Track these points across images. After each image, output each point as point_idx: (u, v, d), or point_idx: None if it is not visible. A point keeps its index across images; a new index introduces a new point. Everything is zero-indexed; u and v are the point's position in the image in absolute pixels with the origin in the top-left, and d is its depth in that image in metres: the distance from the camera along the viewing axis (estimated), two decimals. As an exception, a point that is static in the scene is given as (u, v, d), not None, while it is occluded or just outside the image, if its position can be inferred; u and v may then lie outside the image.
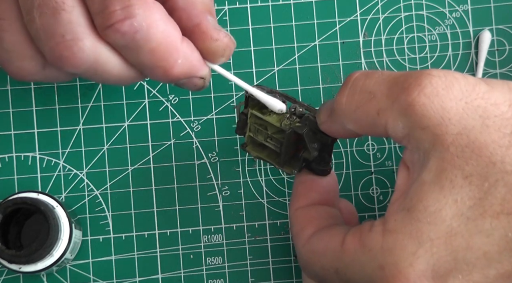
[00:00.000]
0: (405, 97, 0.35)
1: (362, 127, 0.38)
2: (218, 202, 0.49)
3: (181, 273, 0.48)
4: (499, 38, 0.50)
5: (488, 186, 0.34)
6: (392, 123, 0.36)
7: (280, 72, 0.49)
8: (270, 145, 0.43)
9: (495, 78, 0.49)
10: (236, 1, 0.50)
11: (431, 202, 0.35)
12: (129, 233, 0.48)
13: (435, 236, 0.35)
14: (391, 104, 0.36)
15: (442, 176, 0.35)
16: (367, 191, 0.49)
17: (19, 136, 0.49)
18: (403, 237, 0.35)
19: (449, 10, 0.50)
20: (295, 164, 0.43)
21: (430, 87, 0.35)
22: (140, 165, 0.49)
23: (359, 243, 0.37)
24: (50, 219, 0.44)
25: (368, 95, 0.37)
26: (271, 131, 0.42)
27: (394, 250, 0.35)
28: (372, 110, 0.37)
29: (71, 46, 0.38)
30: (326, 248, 0.39)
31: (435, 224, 0.35)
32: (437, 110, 0.35)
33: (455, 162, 0.34)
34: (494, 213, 0.34)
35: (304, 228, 0.41)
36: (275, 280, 0.48)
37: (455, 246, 0.34)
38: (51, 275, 0.48)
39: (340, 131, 0.40)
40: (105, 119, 0.49)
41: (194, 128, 0.49)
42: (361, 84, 0.37)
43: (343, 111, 0.38)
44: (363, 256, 0.36)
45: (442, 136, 0.35)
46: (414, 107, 0.35)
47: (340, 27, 0.50)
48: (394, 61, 0.50)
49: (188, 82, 0.41)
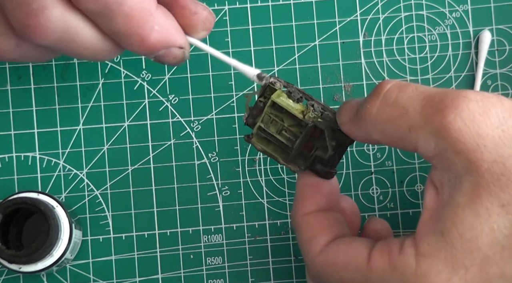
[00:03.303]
0: (441, 119, 0.34)
1: (390, 139, 0.37)
2: (218, 202, 0.49)
3: (181, 273, 0.48)
4: (499, 38, 0.50)
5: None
6: (423, 142, 0.35)
7: (280, 72, 0.49)
8: (281, 138, 0.41)
9: (494, 79, 0.49)
10: (236, 1, 0.50)
11: (466, 228, 0.34)
12: (129, 233, 0.48)
13: (470, 264, 0.34)
14: (425, 123, 0.35)
15: (478, 202, 0.34)
16: (367, 191, 0.49)
17: (19, 136, 0.49)
18: (438, 263, 0.34)
19: (449, 10, 0.50)
20: (300, 162, 0.42)
21: (467, 112, 0.34)
22: (140, 165, 0.49)
23: (388, 263, 0.36)
24: (50, 219, 0.44)
25: (401, 109, 0.36)
26: (288, 123, 0.41)
27: (428, 276, 0.34)
28: (403, 126, 0.36)
29: (37, 15, 0.36)
30: (348, 263, 0.37)
31: (471, 252, 0.34)
32: (473, 136, 0.34)
33: (491, 189, 0.34)
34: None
35: (317, 236, 0.40)
36: (275, 280, 0.48)
37: (490, 275, 0.34)
38: (51, 275, 0.48)
39: (363, 137, 0.39)
40: (105, 119, 0.49)
41: (194, 128, 0.49)
42: (394, 96, 0.36)
43: (371, 121, 0.37)
44: (392, 279, 0.35)
45: (477, 162, 0.34)
46: (449, 131, 0.34)
47: (340, 27, 0.50)
48: (394, 61, 0.50)
49: (167, 53, 0.39)
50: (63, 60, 0.49)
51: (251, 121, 0.42)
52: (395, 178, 0.49)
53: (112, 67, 0.49)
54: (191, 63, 0.49)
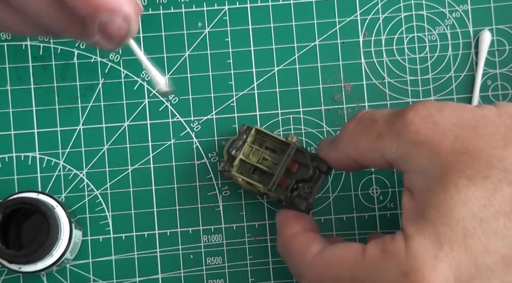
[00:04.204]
0: (401, 119, 0.38)
1: (361, 152, 0.41)
2: (218, 202, 0.49)
3: (181, 273, 0.48)
4: (499, 38, 0.50)
5: (493, 186, 0.35)
6: (388, 144, 0.39)
7: (280, 72, 0.49)
8: (263, 167, 0.45)
9: (494, 79, 0.49)
10: (236, 1, 0.50)
11: (440, 203, 0.36)
12: (129, 233, 0.48)
13: (453, 238, 0.35)
14: (389, 128, 0.39)
15: (446, 180, 0.36)
16: (367, 191, 0.49)
17: (19, 136, 0.49)
18: (424, 240, 0.35)
19: (449, 10, 0.50)
20: (281, 191, 0.45)
21: (424, 110, 0.38)
22: (140, 165, 0.49)
23: (382, 250, 0.37)
24: (50, 219, 0.44)
25: (372, 121, 0.40)
26: (269, 152, 0.45)
27: (417, 254, 0.35)
28: (373, 134, 0.40)
29: None
30: (344, 257, 0.39)
31: (450, 225, 0.35)
32: (430, 127, 0.37)
33: (456, 167, 0.36)
34: (505, 214, 0.35)
35: (309, 247, 0.41)
36: (275, 280, 0.48)
37: (473, 250, 0.35)
38: (51, 275, 0.48)
39: (338, 158, 0.43)
40: (105, 119, 0.49)
41: (194, 128, 0.49)
42: (368, 114, 0.41)
43: (347, 137, 0.42)
44: (386, 263, 0.36)
45: (438, 148, 0.37)
46: (407, 127, 0.38)
47: (340, 27, 0.50)
48: (394, 61, 0.50)
49: (111, 21, 0.36)
50: (63, 60, 0.49)
51: (234, 153, 0.45)
52: (395, 178, 0.49)
53: (112, 67, 0.49)
54: (191, 63, 0.49)
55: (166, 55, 0.49)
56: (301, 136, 0.49)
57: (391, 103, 0.49)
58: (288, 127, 0.49)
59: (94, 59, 0.49)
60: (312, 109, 0.49)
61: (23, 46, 0.49)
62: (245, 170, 0.46)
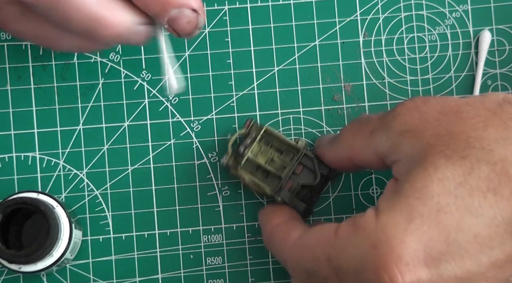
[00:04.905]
0: (390, 113, 0.40)
1: (357, 151, 0.42)
2: (218, 202, 0.49)
3: (181, 273, 0.48)
4: (499, 38, 0.50)
5: (471, 165, 0.36)
6: (379, 139, 0.40)
7: (280, 72, 0.49)
8: (270, 168, 0.45)
9: (494, 79, 0.49)
10: (236, 1, 0.50)
11: (417, 180, 0.36)
12: (129, 233, 0.48)
13: (425, 212, 0.35)
14: (380, 123, 0.40)
15: (425, 160, 0.36)
16: (367, 191, 0.49)
17: (19, 136, 0.49)
18: (395, 214, 0.36)
19: (449, 10, 0.50)
20: (284, 193, 0.46)
21: (411, 104, 0.39)
22: (140, 165, 0.49)
23: (353, 227, 0.37)
24: (50, 219, 0.44)
25: (367, 120, 0.42)
26: (277, 153, 0.46)
27: (386, 227, 0.36)
28: (366, 132, 0.41)
29: None
30: (319, 238, 0.39)
31: (423, 199, 0.36)
32: (415, 116, 0.39)
33: (436, 148, 0.36)
34: (481, 192, 0.35)
35: (289, 234, 0.42)
36: (275, 280, 0.48)
37: (446, 225, 0.35)
38: (51, 275, 0.48)
39: (332, 157, 0.44)
40: (105, 119, 0.49)
41: (194, 128, 0.49)
42: (365, 116, 0.43)
43: (345, 136, 0.43)
44: (356, 238, 0.37)
45: (421, 133, 0.37)
46: (395, 119, 0.39)
47: (340, 27, 0.50)
48: (394, 61, 0.50)
49: (180, 15, 0.39)
50: (63, 60, 0.49)
51: (242, 150, 0.46)
52: (395, 178, 0.49)
53: (112, 67, 0.49)
54: (191, 63, 0.49)
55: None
56: (301, 136, 0.49)
57: (391, 103, 0.49)
58: (288, 127, 0.49)
59: (94, 59, 0.49)
60: (312, 109, 0.49)
61: (23, 46, 0.49)
62: (249, 168, 0.46)
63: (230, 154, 0.46)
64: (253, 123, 0.46)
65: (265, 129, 0.46)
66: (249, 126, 0.46)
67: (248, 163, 0.46)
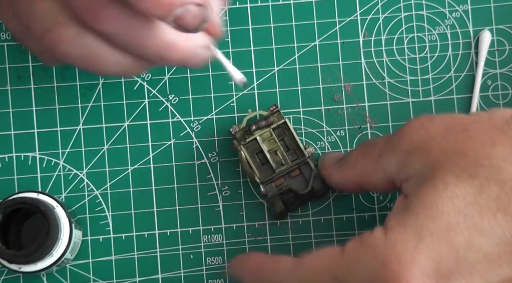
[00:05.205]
0: (396, 135, 0.40)
1: (365, 176, 0.42)
2: (218, 202, 0.49)
3: (181, 273, 0.48)
4: (499, 38, 0.50)
5: (480, 185, 0.36)
6: (387, 161, 0.40)
7: (280, 72, 0.49)
8: (270, 158, 0.46)
9: (494, 79, 0.49)
10: (236, 1, 0.50)
11: (426, 197, 0.36)
12: (129, 233, 0.48)
13: (435, 230, 0.35)
14: (387, 145, 0.41)
15: (434, 178, 0.36)
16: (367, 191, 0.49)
17: (19, 136, 0.49)
18: (404, 231, 0.36)
19: (449, 10, 0.50)
20: (270, 188, 0.46)
21: (416, 121, 0.40)
22: (140, 165, 0.49)
23: (360, 245, 0.37)
24: (50, 219, 0.43)
25: (374, 143, 0.42)
26: (283, 149, 0.46)
27: (396, 245, 0.35)
28: (374, 154, 0.41)
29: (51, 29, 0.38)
30: (322, 260, 0.39)
31: (433, 217, 0.36)
32: (421, 134, 0.39)
33: (445, 166, 0.37)
34: (491, 212, 0.35)
35: (278, 264, 0.41)
36: (275, 280, 0.48)
37: (456, 244, 0.35)
38: (51, 275, 0.48)
39: (338, 180, 0.45)
40: (105, 119, 0.49)
41: (194, 128, 0.49)
42: (371, 141, 0.43)
43: (352, 161, 0.43)
44: (365, 256, 0.36)
45: (428, 151, 0.38)
46: (402, 139, 0.40)
47: (340, 27, 0.50)
48: (394, 61, 0.50)
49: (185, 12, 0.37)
50: (63, 60, 0.49)
51: (264, 123, 0.46)
52: (395, 178, 0.49)
53: (112, 67, 0.49)
54: (191, 63, 0.49)
55: (166, 55, 0.49)
56: (301, 136, 0.49)
57: (391, 103, 0.49)
58: (288, 127, 0.49)
59: (94, 59, 0.49)
60: (312, 109, 0.49)
61: (23, 46, 0.49)
62: (251, 148, 0.46)
63: (242, 127, 0.46)
64: (277, 110, 0.47)
65: (284, 121, 0.46)
66: (272, 111, 0.47)
67: (252, 143, 0.46)
